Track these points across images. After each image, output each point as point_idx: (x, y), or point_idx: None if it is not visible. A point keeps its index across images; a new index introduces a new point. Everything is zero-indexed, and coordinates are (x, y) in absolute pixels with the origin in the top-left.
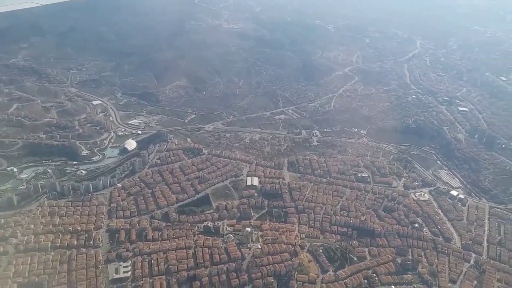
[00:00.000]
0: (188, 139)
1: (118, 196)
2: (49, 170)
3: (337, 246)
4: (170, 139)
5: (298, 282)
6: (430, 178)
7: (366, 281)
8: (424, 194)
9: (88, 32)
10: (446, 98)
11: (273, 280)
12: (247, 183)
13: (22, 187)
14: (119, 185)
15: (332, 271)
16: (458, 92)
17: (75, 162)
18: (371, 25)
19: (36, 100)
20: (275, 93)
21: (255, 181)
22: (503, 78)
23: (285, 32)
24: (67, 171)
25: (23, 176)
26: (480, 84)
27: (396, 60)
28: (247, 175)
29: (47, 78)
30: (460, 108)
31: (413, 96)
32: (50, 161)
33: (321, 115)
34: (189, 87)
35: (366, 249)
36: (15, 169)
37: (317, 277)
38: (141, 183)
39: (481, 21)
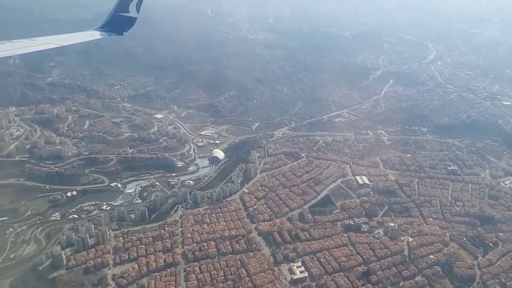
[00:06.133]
0: (276, 144)
1: (250, 200)
2: (157, 183)
3: (472, 233)
4: (266, 145)
5: (461, 269)
6: (508, 167)
7: None
8: None
9: (112, 47)
10: (486, 94)
11: (439, 269)
12: (359, 182)
13: (137, 202)
14: (246, 190)
15: (481, 256)
16: (493, 88)
17: (174, 174)
18: (382, 31)
19: (105, 116)
20: (322, 97)
21: (366, 180)
22: None
23: (306, 40)
24: (172, 183)
25: (129, 191)
26: (507, 80)
27: (420, 62)
28: (354, 175)
29: (96, 94)
30: (504, 103)
31: (455, 94)
32: (148, 174)
33: (377, 116)
34: (241, 97)
35: (493, 235)
36: (119, 185)
37: (473, 263)
38: (264, 188)
39: (471, 24)
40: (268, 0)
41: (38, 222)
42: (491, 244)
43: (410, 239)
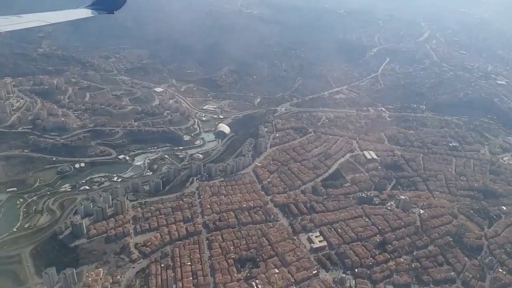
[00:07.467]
0: (283, 120)
1: (263, 174)
2: (166, 156)
3: (477, 206)
4: (273, 120)
5: (470, 239)
6: (504, 144)
7: None
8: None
9: (102, 20)
10: (481, 73)
11: (450, 239)
12: (367, 157)
13: (148, 174)
14: (259, 164)
15: (487, 228)
16: (487, 67)
17: (181, 147)
18: (374, 9)
19: (105, 89)
20: (321, 74)
21: (373, 155)
22: None
23: (302, 16)
24: (180, 156)
25: (138, 163)
26: (500, 60)
27: (415, 40)
28: (361, 150)
29: (92, 67)
30: (498, 82)
31: (451, 72)
32: (155, 147)
33: (376, 93)
34: (240, 72)
35: (496, 208)
36: (127, 157)
37: (481, 234)
38: (276, 161)
39: (459, 3)
40: None
41: (48, 193)
42: (495, 217)
43: (422, 211)
